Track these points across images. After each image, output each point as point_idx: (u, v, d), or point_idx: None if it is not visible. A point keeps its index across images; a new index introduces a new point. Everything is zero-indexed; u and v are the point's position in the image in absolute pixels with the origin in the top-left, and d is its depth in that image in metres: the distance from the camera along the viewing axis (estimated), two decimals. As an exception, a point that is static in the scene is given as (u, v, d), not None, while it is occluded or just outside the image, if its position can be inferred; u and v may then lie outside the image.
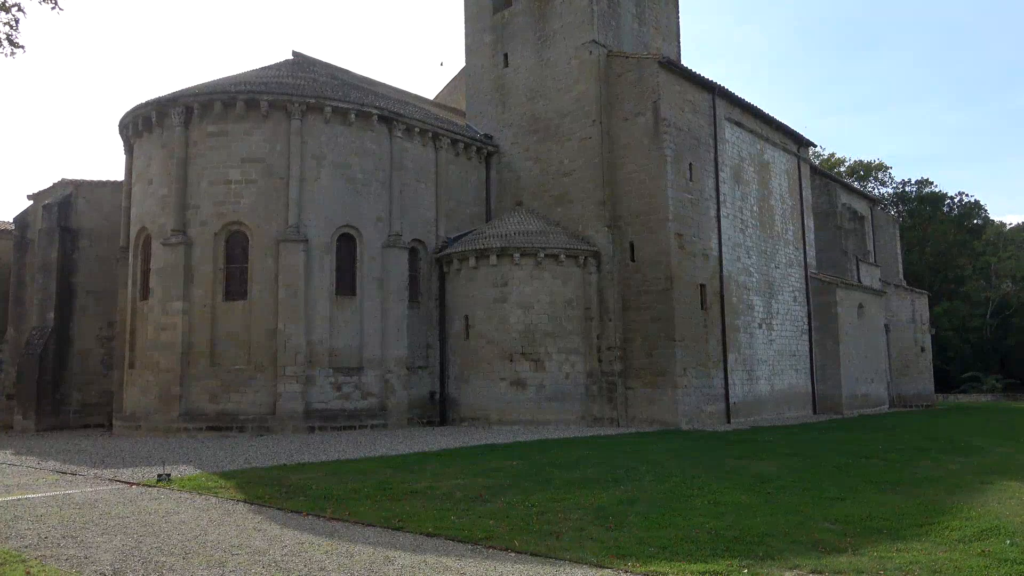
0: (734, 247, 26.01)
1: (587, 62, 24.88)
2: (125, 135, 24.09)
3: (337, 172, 22.22)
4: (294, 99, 21.66)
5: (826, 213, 34.41)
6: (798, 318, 29.36)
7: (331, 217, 22.02)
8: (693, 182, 24.15)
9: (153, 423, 20.78)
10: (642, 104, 23.62)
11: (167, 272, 21.28)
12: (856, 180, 60.71)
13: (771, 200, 28.89)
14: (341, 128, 22.38)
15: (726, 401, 24.16)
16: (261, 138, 21.69)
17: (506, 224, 24.59)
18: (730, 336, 24.89)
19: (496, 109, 27.55)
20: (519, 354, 22.60)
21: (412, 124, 24.01)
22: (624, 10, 26.87)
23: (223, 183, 21.54)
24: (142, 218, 22.81)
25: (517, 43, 27.22)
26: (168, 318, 21.06)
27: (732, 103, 26.86)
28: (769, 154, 29.11)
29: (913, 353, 37.83)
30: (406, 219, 23.60)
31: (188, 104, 21.83)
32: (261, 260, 21.25)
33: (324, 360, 21.43)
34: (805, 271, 30.26)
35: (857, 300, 31.43)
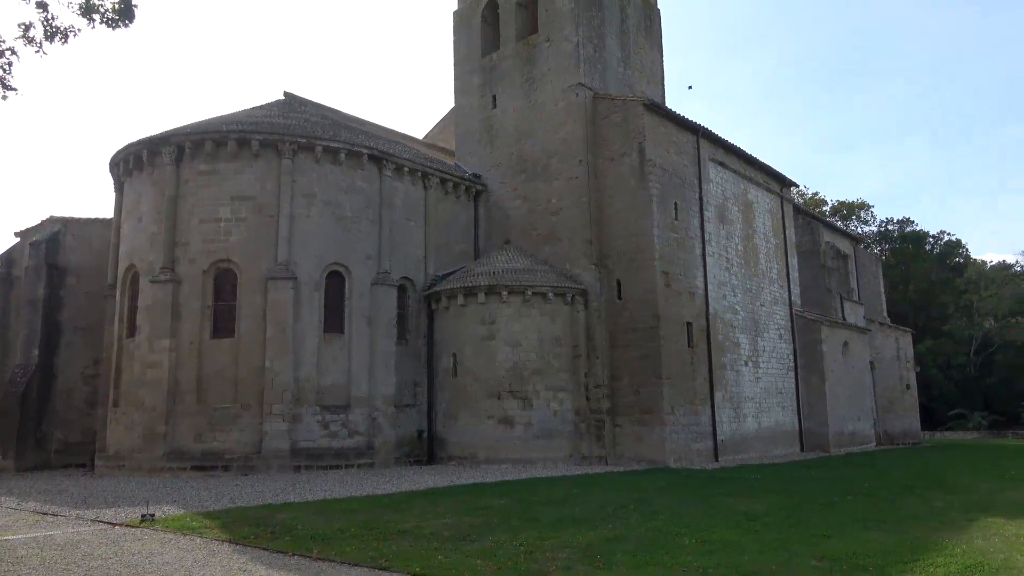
0: (720, 285, 26.31)
1: (574, 104, 25.40)
2: (116, 173, 24.22)
3: (327, 210, 22.40)
4: (285, 138, 21.91)
5: (810, 252, 34.89)
6: (784, 355, 29.58)
7: (320, 254, 22.13)
8: (679, 221, 24.52)
9: (137, 462, 20.51)
10: (628, 145, 24.08)
11: (155, 309, 21.23)
12: (839, 219, 61.67)
13: (755, 239, 29.32)
14: (331, 167, 22.64)
15: (714, 439, 24.19)
16: (252, 176, 21.87)
17: (494, 262, 24.79)
18: (717, 374, 25.03)
19: (485, 149, 27.97)
20: (507, 392, 22.59)
21: (402, 163, 24.32)
22: (610, 54, 27.54)
23: (213, 221, 21.64)
24: (131, 255, 22.82)
25: (505, 85, 27.77)
26: (155, 356, 20.95)
27: (716, 144, 27.43)
28: (753, 194, 29.63)
29: (898, 391, 38.07)
30: (395, 257, 23.75)
31: (180, 143, 22.03)
32: (249, 297, 21.26)
33: (311, 398, 21.34)
34: (790, 309, 30.58)
35: (842, 338, 31.73)
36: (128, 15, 8.46)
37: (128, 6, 8.42)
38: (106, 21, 8.38)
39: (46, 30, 8.41)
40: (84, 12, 8.31)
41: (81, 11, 8.31)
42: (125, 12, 8.41)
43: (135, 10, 8.46)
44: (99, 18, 8.32)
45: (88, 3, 8.26)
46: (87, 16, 8.32)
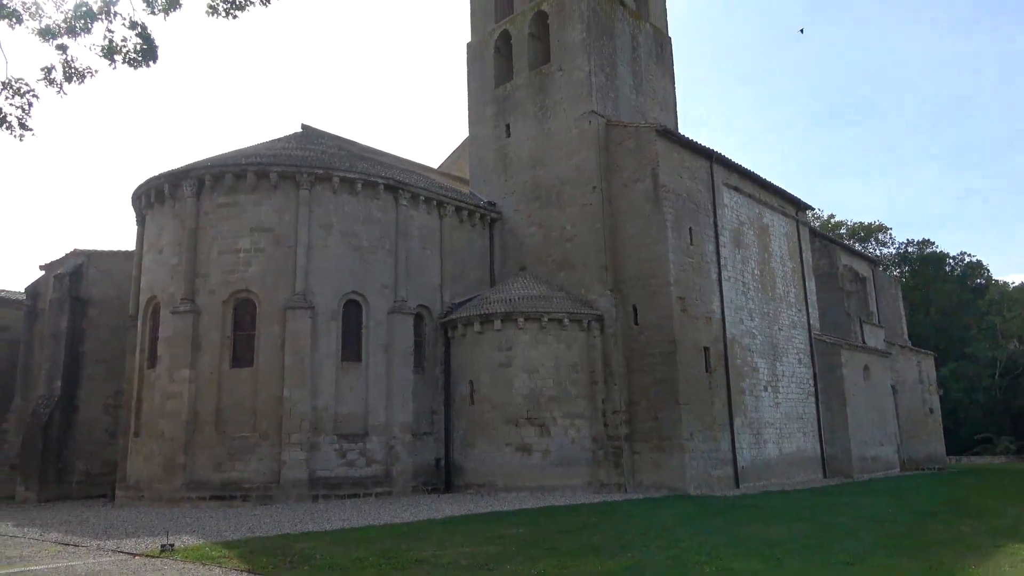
0: (736, 310, 26.19)
1: (587, 131, 25.63)
2: (138, 206, 24.67)
3: (344, 240, 22.66)
4: (303, 170, 22.28)
5: (827, 275, 34.68)
6: (804, 380, 29.28)
7: (338, 284, 22.35)
8: (694, 246, 24.52)
9: (156, 493, 20.63)
10: (641, 171, 24.21)
11: (175, 340, 21.49)
12: (856, 242, 61.29)
13: (772, 263, 29.21)
14: (348, 197, 22.94)
15: (734, 465, 23.91)
16: (270, 208, 22.21)
17: (510, 289, 24.88)
18: (736, 399, 24.82)
19: (499, 177, 28.23)
20: (524, 419, 22.53)
21: (417, 192, 24.59)
22: (622, 81, 27.82)
23: (232, 252, 21.95)
24: (152, 287, 23.16)
25: (518, 114, 28.10)
26: (174, 386, 21.16)
27: (729, 169, 27.49)
28: (768, 218, 29.59)
29: (922, 415, 37.46)
30: (411, 285, 23.92)
31: (200, 176, 22.45)
32: (268, 327, 21.47)
33: (329, 426, 21.40)
34: (809, 333, 30.32)
35: (862, 362, 31.37)
36: (151, 55, 8.75)
37: (151, 47, 8.70)
38: (128, 61, 8.67)
39: (66, 71, 8.71)
40: (106, 54, 8.60)
41: (103, 52, 8.60)
42: (148, 53, 8.70)
43: (157, 51, 8.74)
44: (120, 59, 8.60)
45: (111, 45, 8.56)
46: (108, 57, 8.60)
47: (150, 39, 8.73)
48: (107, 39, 8.54)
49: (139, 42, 8.64)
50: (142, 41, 8.64)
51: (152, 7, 8.45)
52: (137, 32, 8.61)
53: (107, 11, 8.32)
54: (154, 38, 8.73)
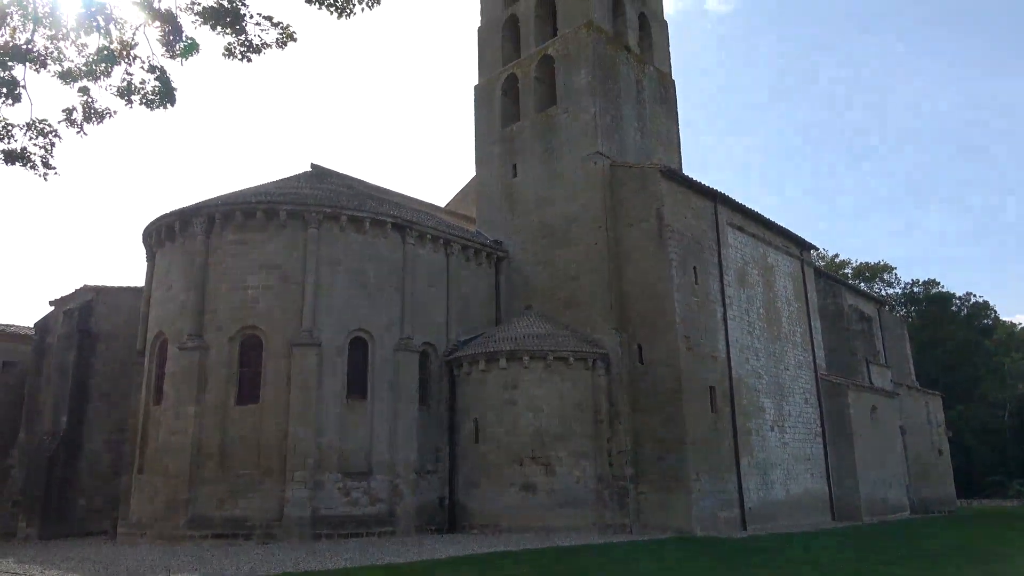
0: (742, 349, 26.15)
1: (592, 172, 25.95)
2: (148, 243, 24.96)
3: (351, 277, 22.85)
4: (311, 208, 22.57)
5: (833, 315, 34.65)
6: (810, 420, 29.07)
7: (344, 321, 22.47)
8: (699, 285, 24.62)
9: (159, 530, 20.48)
10: (646, 211, 24.44)
11: (181, 376, 21.57)
12: (862, 281, 61.31)
13: (777, 302, 29.25)
14: (356, 235, 23.20)
15: (741, 507, 23.63)
16: (279, 245, 22.46)
17: (515, 327, 24.94)
18: (742, 439, 24.63)
19: (505, 216, 28.51)
20: (529, 458, 22.39)
21: (424, 231, 24.84)
22: (626, 123, 28.24)
23: (241, 289, 22.14)
24: (160, 322, 23.32)
25: (525, 154, 28.50)
26: (180, 422, 21.16)
27: (733, 209, 27.71)
28: (772, 257, 29.72)
29: (931, 456, 37.04)
30: (417, 323, 24.02)
31: (210, 214, 22.76)
32: (274, 363, 21.54)
33: (333, 464, 21.31)
34: (815, 373, 30.19)
35: (870, 402, 31.16)
36: (169, 98, 9.03)
37: (169, 90, 8.98)
38: (145, 103, 8.95)
39: (86, 112, 8.99)
40: (122, 94, 8.87)
41: (119, 92, 8.88)
42: (166, 95, 8.98)
43: (175, 93, 9.03)
44: (138, 99, 8.88)
45: (128, 85, 8.84)
46: (125, 97, 8.87)
47: (168, 82, 9.02)
48: (125, 81, 8.81)
49: (157, 85, 8.92)
50: (160, 84, 8.92)
51: (172, 52, 8.77)
52: (156, 76, 8.91)
53: (127, 55, 8.63)
54: (172, 81, 9.00)
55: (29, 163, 8.97)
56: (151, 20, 8.39)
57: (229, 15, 8.53)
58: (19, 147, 8.93)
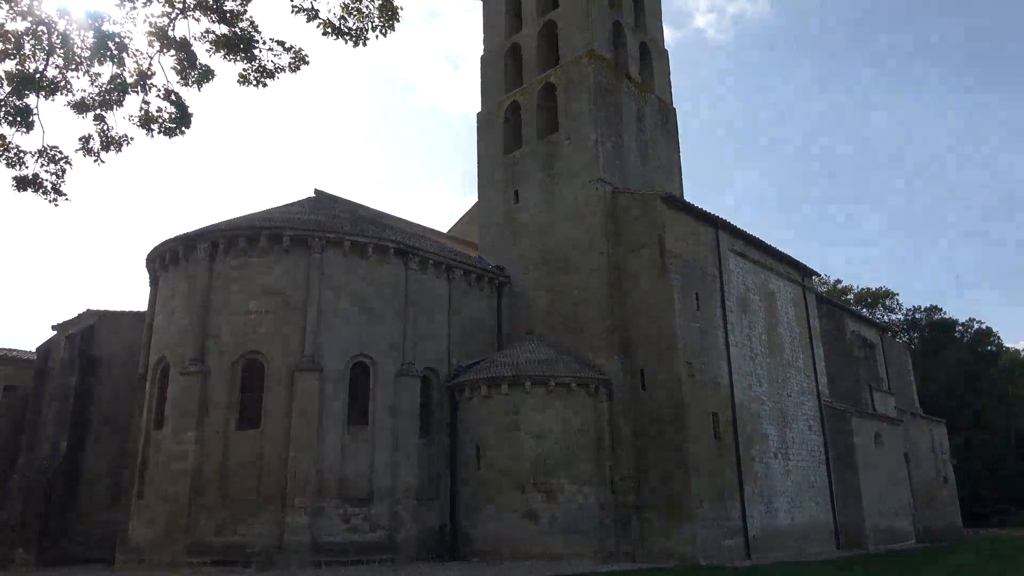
0: (745, 375, 26.07)
1: (594, 198, 26.10)
2: (152, 268, 25.05)
3: (354, 303, 22.89)
4: (315, 234, 22.68)
5: (835, 341, 34.54)
6: (814, 448, 28.88)
7: (346, 346, 22.46)
8: (700, 311, 24.61)
9: (157, 557, 20.30)
10: (648, 237, 24.53)
11: (183, 401, 21.52)
12: (864, 308, 61.22)
13: (779, 328, 29.22)
14: (359, 261, 23.28)
15: (745, 535, 23.39)
16: (282, 271, 22.53)
17: (517, 353, 24.91)
18: (746, 466, 24.45)
19: (507, 242, 28.62)
20: (531, 484, 22.23)
21: (427, 256, 24.94)
22: (628, 150, 28.46)
23: (243, 314, 22.18)
24: (162, 347, 23.32)
25: (527, 180, 28.68)
26: (180, 447, 21.07)
27: (734, 235, 27.79)
28: (774, 284, 29.75)
29: (936, 484, 36.70)
30: (419, 348, 24.01)
31: (214, 239, 22.88)
32: (276, 389, 21.50)
33: (333, 490, 21.17)
34: (818, 400, 30.06)
35: (873, 429, 30.96)
36: (185, 122, 9.17)
37: (185, 114, 9.13)
38: (164, 131, 9.11)
39: (102, 140, 9.14)
40: (142, 123, 9.03)
41: (140, 122, 9.03)
42: (182, 120, 9.13)
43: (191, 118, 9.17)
44: (157, 128, 9.05)
45: (146, 115, 8.99)
46: (146, 127, 9.04)
47: (184, 107, 9.17)
48: (143, 110, 8.97)
49: (173, 111, 9.07)
50: (176, 110, 9.08)
51: (186, 80, 8.94)
52: (171, 101, 9.06)
53: (142, 84, 8.79)
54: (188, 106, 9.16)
55: (41, 189, 9.09)
56: (165, 49, 8.56)
57: (242, 42, 8.70)
58: (31, 174, 9.07)
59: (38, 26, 8.02)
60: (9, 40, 8.07)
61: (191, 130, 9.39)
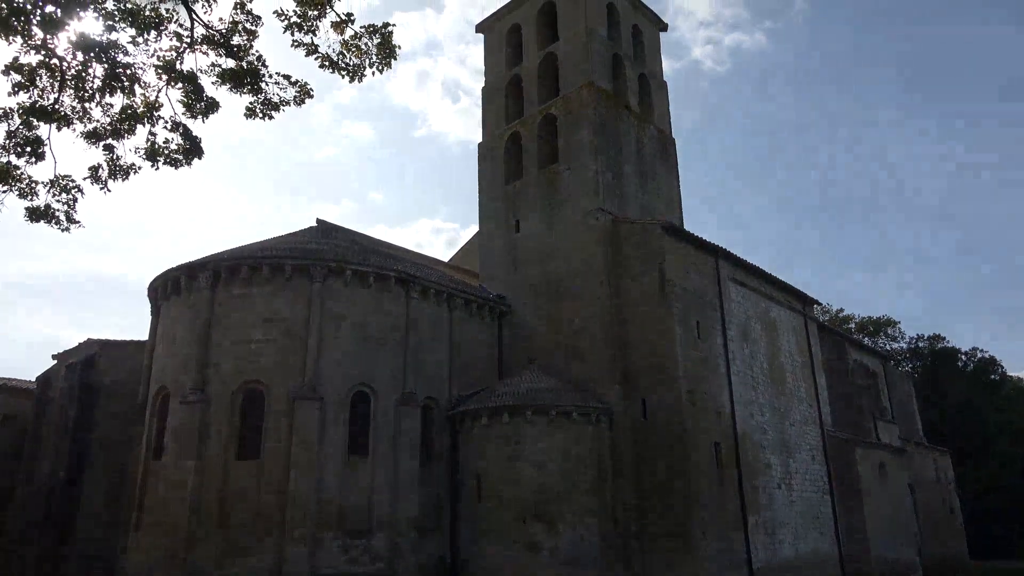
0: (747, 404, 25.97)
1: (594, 228, 26.24)
2: (153, 297, 25.11)
3: (355, 332, 22.89)
4: (317, 263, 22.75)
5: (838, 370, 34.46)
6: (818, 478, 28.65)
7: (347, 375, 22.42)
8: (701, 340, 24.61)
9: (154, 589, 20.03)
10: (648, 266, 24.62)
11: (182, 430, 21.42)
12: (866, 336, 61.12)
13: (780, 357, 29.16)
14: (360, 290, 23.33)
15: (748, 566, 23.11)
16: (284, 300, 22.56)
17: (518, 382, 24.85)
18: (749, 497, 24.24)
19: (508, 271, 28.70)
20: (532, 516, 22.02)
21: (428, 286, 24.99)
22: (627, 180, 28.69)
23: (244, 342, 22.17)
24: (162, 376, 23.28)
25: (528, 210, 28.86)
26: (179, 477, 20.92)
27: (735, 264, 27.87)
28: (775, 312, 29.77)
29: (942, 515, 36.34)
30: (420, 377, 23.96)
31: (216, 268, 22.95)
32: (276, 418, 21.41)
33: (333, 521, 20.97)
34: (821, 429, 29.90)
35: (878, 459, 30.75)
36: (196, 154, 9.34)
37: (195, 145, 9.29)
38: (170, 162, 9.26)
39: (111, 170, 9.29)
40: (148, 155, 9.19)
41: (146, 154, 9.20)
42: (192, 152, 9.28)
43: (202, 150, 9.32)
44: (163, 160, 9.20)
45: (153, 146, 9.15)
46: (151, 159, 9.19)
47: (194, 138, 9.33)
48: (149, 142, 9.14)
49: (182, 144, 9.23)
50: (185, 141, 9.24)
51: (193, 112, 9.09)
52: (180, 133, 9.22)
53: (151, 116, 8.94)
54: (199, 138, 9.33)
55: (53, 219, 9.23)
56: (173, 82, 8.73)
57: (249, 76, 8.87)
58: (43, 204, 9.21)
59: (51, 59, 8.21)
60: (23, 73, 8.26)
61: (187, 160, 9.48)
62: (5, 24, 7.26)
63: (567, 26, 30.30)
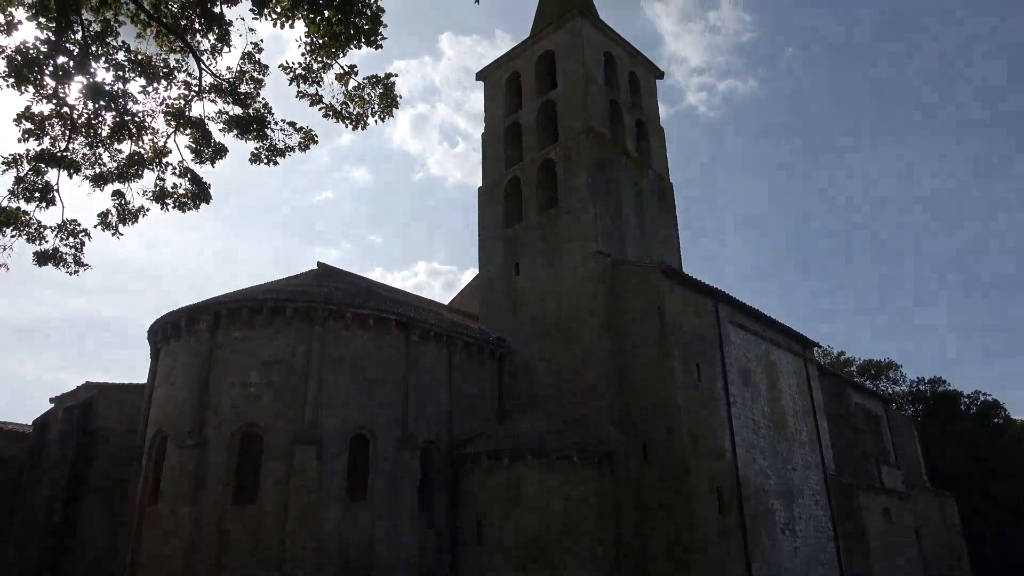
0: (748, 448, 25.76)
1: (594, 271, 26.40)
2: (153, 340, 25.11)
3: (355, 375, 22.84)
4: (317, 306, 22.81)
5: (839, 414, 34.22)
6: (822, 523, 28.25)
7: (346, 418, 22.30)
8: (702, 383, 24.54)
9: (147, 639, 19.61)
10: (648, 309, 24.68)
11: (179, 474, 21.21)
12: (867, 379, 60.82)
13: (782, 400, 29.03)
14: (360, 333, 23.35)
15: (754, 615, 22.67)
16: (284, 342, 22.56)
17: (519, 425, 24.71)
18: (752, 543, 23.89)
19: (508, 314, 28.77)
20: (533, 561, 21.67)
21: (428, 328, 25.02)
22: (627, 223, 28.96)
23: (243, 385, 22.10)
24: (160, 420, 23.15)
25: (527, 253, 29.06)
26: (175, 523, 20.65)
27: (734, 307, 27.93)
28: (775, 355, 29.73)
29: (949, 561, 35.74)
30: (420, 420, 23.82)
31: (217, 311, 23.02)
32: (274, 462, 21.22)
33: (332, 566, 20.60)
34: (824, 473, 29.59)
35: (882, 504, 30.37)
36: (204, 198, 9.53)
37: (203, 190, 9.48)
38: (178, 206, 9.45)
39: (120, 214, 9.47)
40: (156, 198, 9.38)
41: (154, 197, 9.38)
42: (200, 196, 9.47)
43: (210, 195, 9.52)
44: (171, 203, 9.39)
45: (161, 190, 9.35)
46: (160, 202, 9.38)
47: (203, 183, 9.54)
48: (157, 186, 9.34)
49: (191, 188, 9.43)
50: (193, 186, 9.43)
51: (200, 157, 9.31)
52: (188, 178, 9.43)
53: (159, 161, 9.16)
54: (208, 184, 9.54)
55: (62, 263, 9.38)
56: (181, 128, 8.95)
57: (255, 122, 9.10)
58: (51, 248, 9.37)
59: (63, 107, 8.44)
60: (35, 121, 8.48)
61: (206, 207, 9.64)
62: (19, 74, 7.49)
63: (566, 74, 30.94)
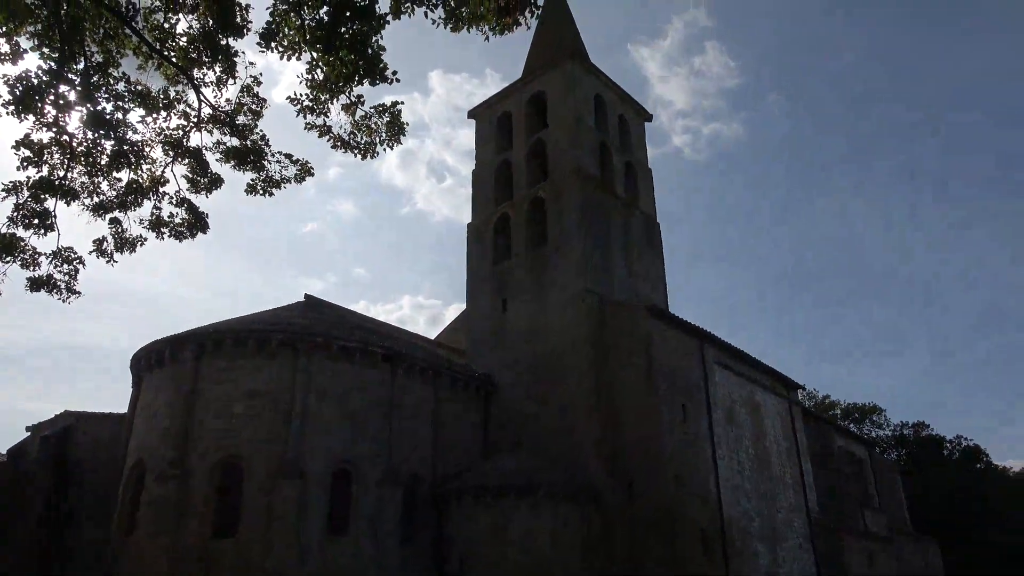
0: (733, 489, 25.68)
1: (582, 309, 26.52)
2: (136, 369, 24.80)
3: (339, 408, 22.64)
4: (303, 338, 22.70)
5: (823, 456, 34.24)
6: (806, 567, 28.07)
7: (330, 452, 22.05)
8: (687, 423, 24.55)
9: None
10: (635, 348, 24.78)
11: (158, 506, 20.79)
12: (851, 423, 61.02)
13: (766, 442, 29.05)
14: (346, 366, 23.20)
15: (737, 661, 22.36)
16: (268, 374, 22.35)
17: (504, 462, 24.53)
18: (736, 586, 23.68)
19: (495, 350, 28.74)
20: (515, 602, 21.34)
21: (414, 363, 24.92)
22: (614, 263, 29.19)
23: (226, 416, 21.81)
24: (140, 450, 22.76)
25: (515, 290, 29.16)
26: (153, 555, 20.19)
27: (720, 348, 28.10)
28: (760, 396, 29.83)
29: (933, 609, 35.48)
30: (404, 455, 23.59)
31: (202, 341, 22.83)
32: (255, 495, 20.87)
33: (310, 606, 20.19)
34: (808, 517, 29.49)
35: (867, 549, 30.26)
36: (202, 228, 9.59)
37: (200, 220, 9.54)
38: (174, 235, 9.49)
39: (116, 242, 9.50)
40: (153, 227, 9.43)
41: (151, 226, 9.44)
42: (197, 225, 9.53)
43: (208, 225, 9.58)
44: (167, 231, 9.45)
45: (158, 219, 9.41)
46: (156, 230, 9.43)
47: (199, 213, 9.60)
48: (154, 215, 9.39)
49: (187, 217, 9.49)
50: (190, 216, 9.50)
51: (197, 187, 9.40)
52: (185, 208, 9.49)
53: (156, 191, 9.23)
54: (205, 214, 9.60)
55: (55, 289, 9.36)
56: (179, 159, 9.05)
57: (252, 154, 9.22)
58: (45, 275, 9.37)
59: (62, 136, 8.52)
60: (34, 149, 8.55)
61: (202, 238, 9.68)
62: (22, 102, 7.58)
63: (556, 115, 31.45)
